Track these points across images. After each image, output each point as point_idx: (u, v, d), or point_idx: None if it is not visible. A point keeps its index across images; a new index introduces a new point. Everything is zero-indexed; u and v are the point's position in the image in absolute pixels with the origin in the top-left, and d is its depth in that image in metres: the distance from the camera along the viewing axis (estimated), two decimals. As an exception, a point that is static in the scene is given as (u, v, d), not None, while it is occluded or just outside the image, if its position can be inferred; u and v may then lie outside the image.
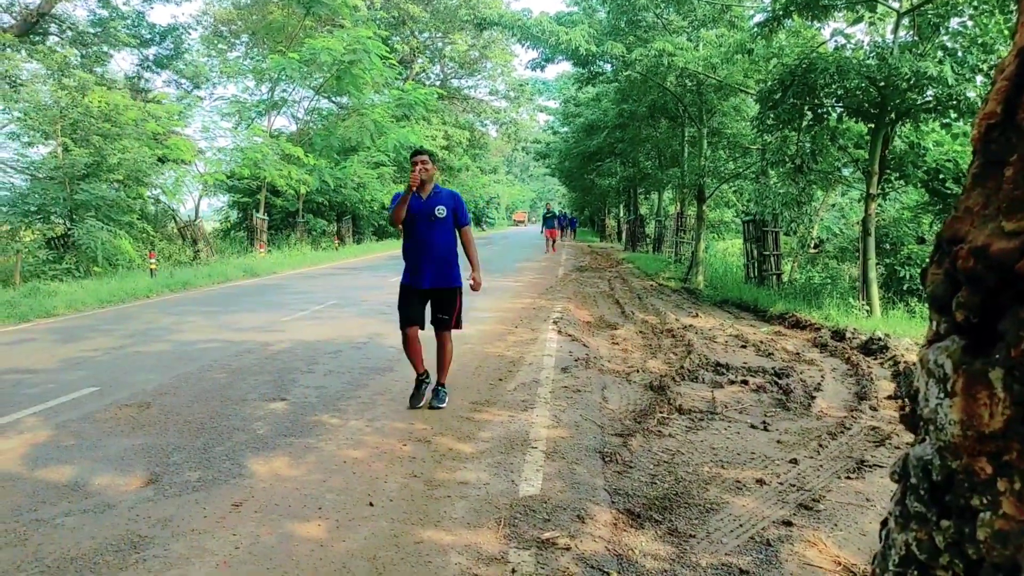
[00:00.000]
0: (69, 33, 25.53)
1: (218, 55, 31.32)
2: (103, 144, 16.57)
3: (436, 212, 5.01)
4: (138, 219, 17.81)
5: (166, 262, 17.87)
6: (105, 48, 26.57)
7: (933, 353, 0.68)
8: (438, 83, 38.09)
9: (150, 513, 3.40)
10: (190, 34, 31.09)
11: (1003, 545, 0.59)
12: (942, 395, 0.66)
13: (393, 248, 30.24)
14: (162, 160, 18.85)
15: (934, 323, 0.72)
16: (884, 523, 0.79)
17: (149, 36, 29.62)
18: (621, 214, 38.57)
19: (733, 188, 21.67)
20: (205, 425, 4.82)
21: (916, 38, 9.66)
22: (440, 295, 5.14)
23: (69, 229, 15.66)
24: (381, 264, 20.83)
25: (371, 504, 3.50)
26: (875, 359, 7.06)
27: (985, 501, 0.62)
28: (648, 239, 28.00)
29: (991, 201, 0.65)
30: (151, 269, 15.17)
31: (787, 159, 10.86)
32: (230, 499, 3.56)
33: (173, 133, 19.92)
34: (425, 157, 5.03)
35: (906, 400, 0.75)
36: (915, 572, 0.68)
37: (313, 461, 4.14)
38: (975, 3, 9.00)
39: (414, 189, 4.89)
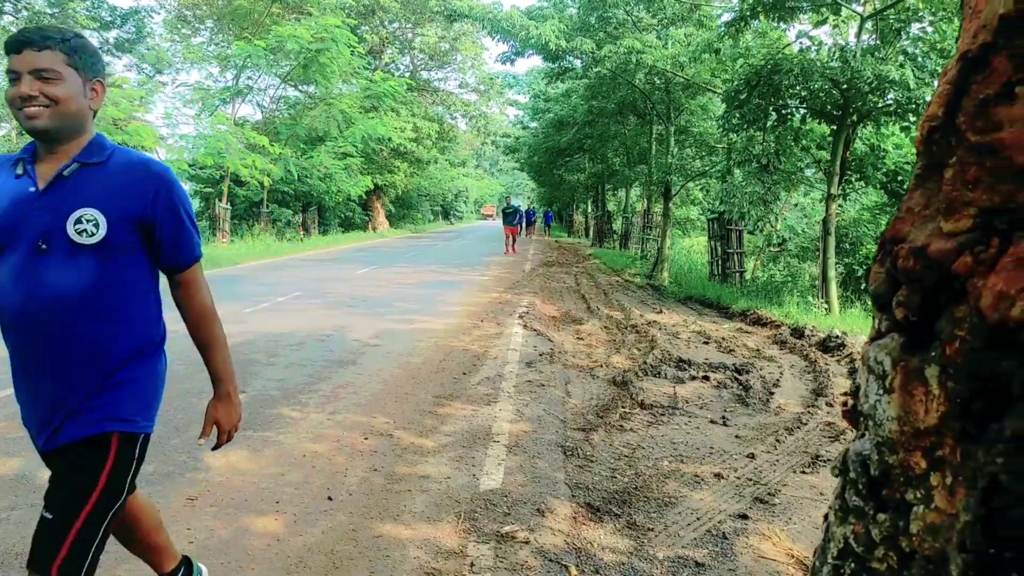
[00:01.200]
0: (25, 13, 24.69)
1: (182, 40, 30.57)
2: (59, 128, 16.08)
3: (71, 227, 1.70)
4: (96, 206, 17.33)
5: (125, 250, 17.43)
6: (63, 29, 25.76)
7: (873, 350, 0.69)
8: (407, 74, 37.75)
9: (101, 507, 3.32)
10: (153, 18, 30.34)
11: (934, 538, 0.60)
12: (881, 391, 0.68)
13: (361, 239, 29.99)
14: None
15: (876, 321, 0.73)
16: (826, 517, 0.80)
17: (109, 19, 28.75)
18: (589, 210, 38.76)
19: (699, 186, 21.94)
20: (160, 417, 4.70)
21: (878, 42, 9.87)
22: (62, 459, 1.79)
23: (22, 215, 15.18)
24: (348, 256, 20.62)
25: (330, 498, 3.47)
26: (832, 356, 7.22)
27: (919, 495, 0.63)
28: (615, 235, 28.18)
29: (932, 202, 0.66)
30: (109, 257, 14.78)
31: (753, 158, 11.03)
32: (185, 493, 3.50)
33: (134, 119, 19.42)
34: (52, 56, 1.67)
35: (848, 396, 0.77)
36: (852, 565, 0.69)
37: (272, 455, 4.08)
38: (934, 10, 9.23)
39: None
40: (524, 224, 33.25)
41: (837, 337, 7.73)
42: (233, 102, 25.14)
